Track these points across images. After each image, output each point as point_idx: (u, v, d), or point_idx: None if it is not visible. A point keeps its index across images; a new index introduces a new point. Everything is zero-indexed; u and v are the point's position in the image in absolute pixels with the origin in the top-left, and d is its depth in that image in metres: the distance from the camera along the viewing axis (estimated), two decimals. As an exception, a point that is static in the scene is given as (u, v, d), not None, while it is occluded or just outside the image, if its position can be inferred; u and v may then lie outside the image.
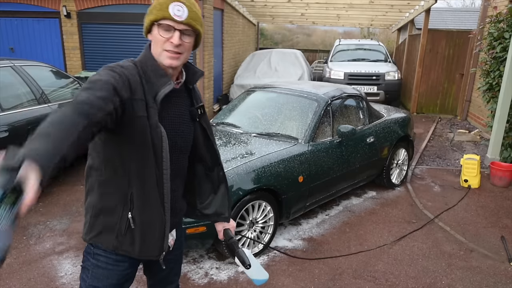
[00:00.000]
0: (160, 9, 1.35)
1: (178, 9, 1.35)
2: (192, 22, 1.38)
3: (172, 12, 1.34)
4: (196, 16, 1.40)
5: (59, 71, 5.24)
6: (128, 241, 1.48)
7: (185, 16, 1.36)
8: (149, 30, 1.41)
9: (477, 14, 11.46)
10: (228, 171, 3.08)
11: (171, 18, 1.34)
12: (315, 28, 28.07)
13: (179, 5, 1.36)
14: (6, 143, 3.80)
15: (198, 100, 1.59)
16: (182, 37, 1.38)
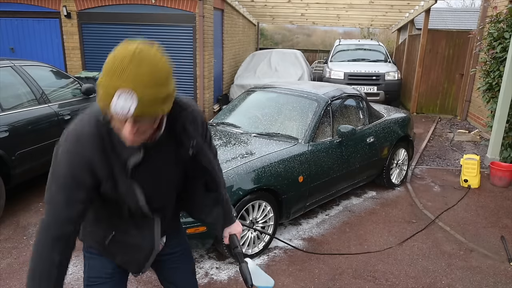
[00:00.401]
0: (104, 99, 1.07)
1: (122, 105, 1.05)
2: (145, 111, 1.09)
3: (114, 110, 1.06)
4: (153, 101, 1.08)
5: (59, 71, 5.24)
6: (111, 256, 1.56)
7: (132, 110, 1.06)
8: None
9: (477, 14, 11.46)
10: (228, 171, 3.08)
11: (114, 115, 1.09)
12: (315, 28, 28.08)
13: (124, 94, 1.05)
14: (6, 143, 3.80)
15: (188, 138, 1.40)
16: (137, 124, 1.13)
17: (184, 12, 7.89)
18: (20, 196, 4.45)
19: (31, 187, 4.67)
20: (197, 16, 7.82)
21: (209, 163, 1.52)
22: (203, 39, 7.90)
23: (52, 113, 4.50)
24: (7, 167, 3.84)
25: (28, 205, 4.24)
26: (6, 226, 3.80)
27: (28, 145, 4.07)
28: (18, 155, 3.94)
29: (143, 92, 1.06)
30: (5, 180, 3.87)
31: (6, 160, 3.79)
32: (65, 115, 4.65)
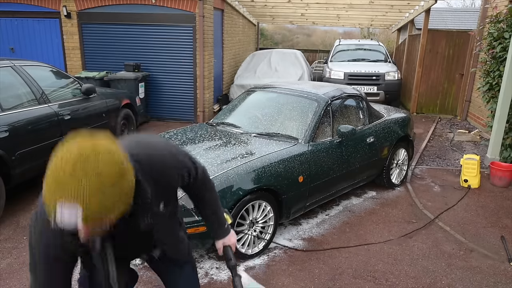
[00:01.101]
0: (48, 205, 1.00)
1: (68, 223, 0.98)
2: (95, 220, 1.01)
3: (59, 221, 0.98)
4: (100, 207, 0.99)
5: (59, 71, 5.24)
6: None
7: (80, 223, 0.99)
8: None
9: (477, 14, 11.47)
10: (228, 171, 3.08)
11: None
12: (315, 28, 28.08)
13: (68, 212, 0.97)
14: (6, 143, 3.80)
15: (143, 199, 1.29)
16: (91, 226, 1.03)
17: (184, 12, 7.89)
18: (20, 196, 4.45)
19: (31, 187, 4.67)
20: (197, 16, 7.81)
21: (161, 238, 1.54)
22: (203, 39, 7.90)
23: (52, 113, 4.50)
24: (7, 167, 3.84)
25: (28, 205, 4.24)
26: (6, 226, 3.80)
27: (28, 145, 4.07)
28: (18, 155, 3.94)
29: (90, 206, 0.98)
30: (5, 180, 3.87)
31: (6, 160, 3.79)
32: (65, 115, 4.65)
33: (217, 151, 3.44)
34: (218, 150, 3.47)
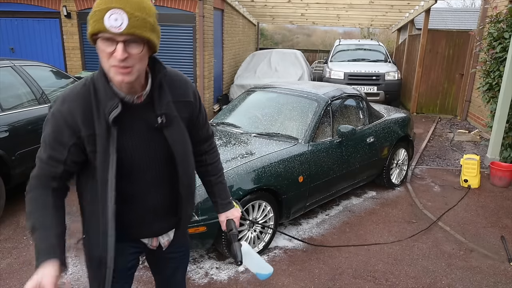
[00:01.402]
0: (96, 19, 1.17)
1: (116, 18, 1.16)
2: (136, 31, 1.19)
3: (108, 24, 1.15)
4: (141, 22, 1.20)
5: (60, 71, 5.24)
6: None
7: (124, 26, 1.16)
8: (93, 40, 1.24)
9: (477, 14, 11.48)
10: (228, 171, 3.08)
11: (107, 31, 1.16)
12: (315, 28, 28.09)
13: (116, 12, 1.16)
14: (6, 143, 3.80)
15: (161, 107, 1.39)
16: (128, 48, 1.20)
17: (184, 12, 7.89)
18: (20, 196, 4.45)
19: (31, 187, 4.67)
20: (197, 16, 7.82)
21: (175, 142, 1.43)
22: (203, 39, 7.90)
23: (52, 113, 4.50)
24: (7, 167, 3.84)
25: (28, 205, 4.24)
26: (6, 226, 3.80)
27: (28, 145, 4.07)
28: (18, 155, 3.94)
29: (133, 15, 1.17)
30: (5, 180, 3.87)
31: (6, 160, 3.79)
32: (65, 115, 4.65)
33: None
34: (218, 150, 3.46)
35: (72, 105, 1.30)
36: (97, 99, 1.31)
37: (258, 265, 1.66)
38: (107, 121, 1.29)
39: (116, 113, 1.29)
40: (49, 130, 1.32)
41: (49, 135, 1.32)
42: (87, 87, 1.32)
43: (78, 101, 1.30)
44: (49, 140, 1.32)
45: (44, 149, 1.34)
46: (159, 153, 1.44)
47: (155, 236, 1.59)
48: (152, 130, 1.40)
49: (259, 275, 1.67)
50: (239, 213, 1.72)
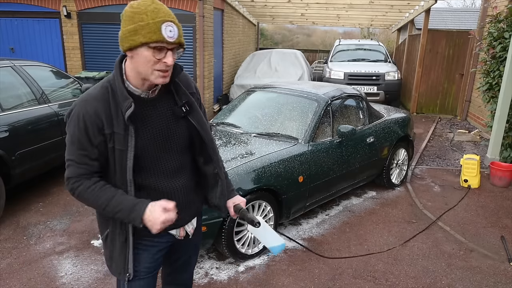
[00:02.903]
0: (151, 31, 1.30)
1: (170, 30, 1.32)
2: (182, 40, 1.38)
3: (165, 35, 1.31)
4: (181, 31, 1.39)
5: (59, 71, 5.24)
6: None
7: (176, 36, 1.34)
8: (132, 48, 1.35)
9: (477, 14, 11.48)
10: (228, 171, 3.08)
11: (166, 41, 1.32)
12: (315, 28, 28.09)
13: (170, 25, 1.33)
14: (6, 143, 3.80)
15: (182, 97, 1.54)
16: (173, 55, 1.38)
17: (184, 12, 7.89)
18: (20, 196, 4.45)
19: (31, 187, 4.67)
20: (197, 16, 7.82)
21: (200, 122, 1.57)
22: (203, 39, 7.90)
23: (52, 113, 4.50)
24: (7, 167, 3.84)
25: (28, 205, 4.24)
26: (6, 226, 3.80)
27: (28, 145, 4.07)
28: (18, 155, 3.94)
29: (177, 23, 1.36)
30: (5, 180, 3.87)
31: (6, 160, 3.79)
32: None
33: (217, 151, 3.44)
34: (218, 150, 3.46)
35: (96, 105, 1.39)
36: (115, 100, 1.41)
37: (271, 239, 1.69)
38: (125, 119, 1.39)
39: (130, 112, 1.38)
40: (76, 131, 1.39)
41: (77, 136, 1.39)
42: (105, 88, 1.42)
43: (100, 102, 1.40)
44: (78, 141, 1.39)
45: (73, 150, 1.41)
46: (179, 142, 1.55)
47: (182, 226, 1.65)
48: (171, 120, 1.51)
49: (273, 248, 1.70)
50: (244, 199, 1.78)
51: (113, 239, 1.54)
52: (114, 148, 1.41)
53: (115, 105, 1.40)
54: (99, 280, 3.00)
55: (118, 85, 1.41)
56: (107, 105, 1.39)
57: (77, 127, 1.39)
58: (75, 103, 1.43)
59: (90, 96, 1.41)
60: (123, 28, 1.34)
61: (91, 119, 1.37)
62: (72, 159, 1.41)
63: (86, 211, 4.12)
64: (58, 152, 4.55)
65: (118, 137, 1.40)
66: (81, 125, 1.38)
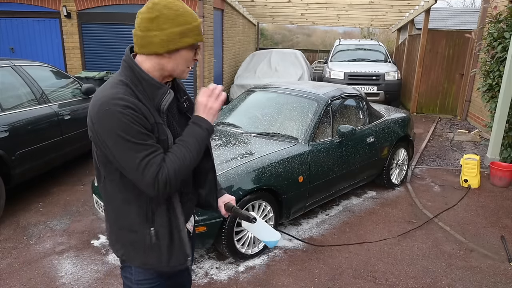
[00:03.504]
0: (197, 33, 1.39)
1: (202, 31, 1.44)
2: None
3: (202, 38, 1.41)
4: None
5: (59, 71, 5.24)
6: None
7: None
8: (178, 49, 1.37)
9: (477, 14, 11.48)
10: (228, 171, 3.08)
11: (202, 40, 1.42)
12: (315, 28, 28.09)
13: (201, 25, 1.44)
14: (6, 143, 3.80)
15: (182, 93, 1.57)
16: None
17: (184, 12, 7.88)
18: (20, 196, 4.45)
19: (31, 187, 4.67)
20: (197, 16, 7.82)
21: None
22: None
23: (52, 113, 4.50)
24: (7, 167, 3.84)
25: (28, 205, 4.24)
26: (6, 226, 3.80)
27: (28, 145, 4.07)
28: (18, 155, 3.94)
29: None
30: (5, 180, 3.87)
31: (6, 160, 3.79)
32: (65, 115, 4.65)
33: (217, 151, 3.44)
34: (218, 150, 3.47)
35: (132, 100, 1.31)
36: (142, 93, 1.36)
37: (266, 233, 1.69)
38: (159, 109, 1.39)
39: (169, 99, 1.40)
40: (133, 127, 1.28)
41: (137, 130, 1.28)
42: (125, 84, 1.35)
43: (132, 97, 1.32)
44: (141, 135, 1.29)
45: (141, 146, 1.29)
46: None
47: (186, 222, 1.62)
48: (180, 114, 1.54)
49: (268, 242, 1.70)
50: (233, 197, 1.78)
51: (165, 232, 1.46)
52: (159, 138, 1.37)
53: (145, 98, 1.36)
54: (99, 280, 3.00)
55: (144, 77, 1.36)
56: (136, 99, 1.33)
57: (131, 124, 1.27)
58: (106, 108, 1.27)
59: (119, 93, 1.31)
60: (165, 30, 1.32)
61: (137, 109, 1.29)
62: (146, 156, 1.29)
63: (86, 211, 4.12)
64: (58, 152, 4.55)
65: (160, 126, 1.37)
66: (132, 119, 1.27)
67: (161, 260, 1.50)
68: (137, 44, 1.38)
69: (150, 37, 1.33)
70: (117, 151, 1.29)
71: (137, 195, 1.41)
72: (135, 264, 1.52)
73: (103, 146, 1.32)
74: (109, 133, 1.28)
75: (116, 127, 1.27)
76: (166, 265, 1.51)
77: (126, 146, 1.28)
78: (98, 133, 1.30)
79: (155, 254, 1.49)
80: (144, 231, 1.46)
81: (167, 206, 1.46)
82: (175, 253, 1.51)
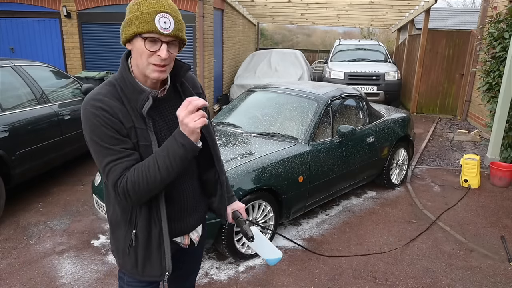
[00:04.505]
0: (144, 21, 1.26)
1: (165, 21, 1.27)
2: (179, 34, 1.32)
3: (158, 26, 1.26)
4: (182, 25, 1.34)
5: (59, 71, 5.24)
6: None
7: (171, 28, 1.28)
8: (129, 40, 1.32)
9: (477, 14, 11.48)
10: (228, 171, 3.08)
11: (158, 32, 1.26)
12: (315, 28, 28.09)
13: (166, 16, 1.27)
14: (6, 143, 3.80)
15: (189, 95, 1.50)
16: (169, 49, 1.31)
17: (184, 12, 7.89)
18: (20, 196, 4.45)
19: (31, 187, 4.67)
20: (197, 16, 7.82)
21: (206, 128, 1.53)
22: (203, 39, 7.90)
23: (52, 113, 4.50)
24: (7, 167, 3.84)
25: (28, 205, 4.24)
26: (6, 226, 3.80)
27: (28, 145, 4.07)
28: (18, 155, 3.94)
29: (177, 18, 1.31)
30: (5, 180, 3.87)
31: (6, 160, 3.79)
32: (65, 115, 4.66)
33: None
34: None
35: (109, 102, 1.31)
36: (126, 96, 1.35)
37: (268, 250, 1.67)
38: (142, 114, 1.35)
39: (148, 105, 1.35)
40: (102, 130, 1.28)
41: (105, 133, 1.29)
42: (112, 86, 1.36)
43: (112, 98, 1.33)
44: (108, 138, 1.29)
45: (107, 152, 1.30)
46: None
47: (187, 233, 1.59)
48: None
49: (269, 260, 1.69)
50: (243, 205, 1.75)
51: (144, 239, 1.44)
52: (139, 144, 1.34)
53: (128, 101, 1.34)
54: (99, 280, 3.00)
55: (129, 80, 1.35)
56: (119, 101, 1.33)
57: (100, 126, 1.28)
58: (84, 107, 1.32)
59: (100, 94, 1.33)
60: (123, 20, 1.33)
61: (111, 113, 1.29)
62: (110, 161, 1.30)
63: (86, 211, 4.12)
64: (58, 152, 4.55)
65: (140, 131, 1.34)
66: (103, 122, 1.28)
67: (136, 266, 1.48)
68: None
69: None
70: (91, 151, 1.35)
71: None
72: (117, 264, 1.56)
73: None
74: (85, 132, 1.34)
75: (88, 128, 1.30)
76: (141, 274, 1.49)
77: (95, 148, 1.31)
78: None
79: (132, 260, 1.48)
80: (127, 233, 1.46)
81: (150, 214, 1.42)
82: (151, 263, 1.47)
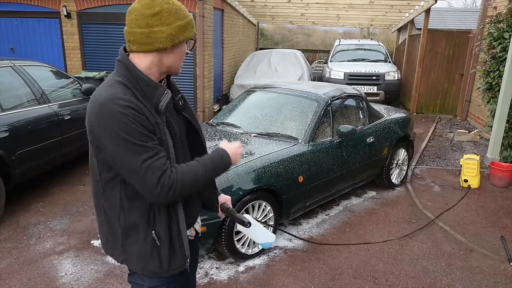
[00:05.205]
0: (193, 26, 1.42)
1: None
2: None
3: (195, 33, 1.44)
4: None
5: (59, 71, 5.24)
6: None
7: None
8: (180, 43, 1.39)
9: (477, 14, 11.47)
10: (228, 171, 3.08)
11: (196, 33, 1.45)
12: (315, 28, 28.09)
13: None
14: (6, 143, 3.80)
15: (176, 92, 1.54)
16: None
17: (184, 12, 7.87)
18: (20, 196, 4.45)
19: (31, 187, 4.67)
20: (197, 16, 7.81)
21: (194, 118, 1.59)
22: (203, 39, 7.90)
23: (52, 113, 4.50)
24: (7, 167, 3.84)
25: (28, 205, 4.24)
26: (6, 226, 3.80)
27: (28, 145, 4.07)
28: (18, 155, 3.94)
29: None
30: (5, 180, 3.87)
31: (6, 160, 3.79)
32: (65, 115, 4.65)
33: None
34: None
35: (134, 100, 1.28)
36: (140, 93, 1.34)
37: (261, 235, 1.70)
38: (157, 109, 1.36)
39: (167, 99, 1.38)
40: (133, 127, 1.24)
41: (138, 131, 1.25)
42: (123, 84, 1.32)
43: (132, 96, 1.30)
44: (141, 136, 1.26)
45: (141, 148, 1.26)
46: (184, 136, 1.55)
47: (192, 225, 1.63)
48: (177, 113, 1.53)
49: (264, 244, 1.71)
50: (229, 197, 1.81)
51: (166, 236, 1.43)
52: (162, 139, 1.34)
53: (142, 98, 1.33)
54: (99, 280, 3.00)
55: (142, 77, 1.33)
56: (137, 99, 1.31)
57: (131, 124, 1.24)
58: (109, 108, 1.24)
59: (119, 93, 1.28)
60: (171, 24, 1.33)
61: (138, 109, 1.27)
62: (147, 158, 1.26)
63: (86, 211, 4.12)
64: (58, 152, 4.55)
65: (160, 126, 1.35)
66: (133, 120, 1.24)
67: (161, 265, 1.47)
68: (136, 42, 1.33)
69: (154, 33, 1.31)
70: (117, 154, 1.26)
71: (141, 197, 1.38)
72: (136, 269, 1.49)
73: (103, 149, 1.29)
74: (110, 135, 1.24)
75: (117, 128, 1.23)
76: (166, 270, 1.48)
77: (127, 148, 1.25)
78: (98, 136, 1.28)
79: (156, 260, 1.45)
80: (146, 235, 1.42)
81: (168, 210, 1.42)
82: (175, 257, 1.48)
